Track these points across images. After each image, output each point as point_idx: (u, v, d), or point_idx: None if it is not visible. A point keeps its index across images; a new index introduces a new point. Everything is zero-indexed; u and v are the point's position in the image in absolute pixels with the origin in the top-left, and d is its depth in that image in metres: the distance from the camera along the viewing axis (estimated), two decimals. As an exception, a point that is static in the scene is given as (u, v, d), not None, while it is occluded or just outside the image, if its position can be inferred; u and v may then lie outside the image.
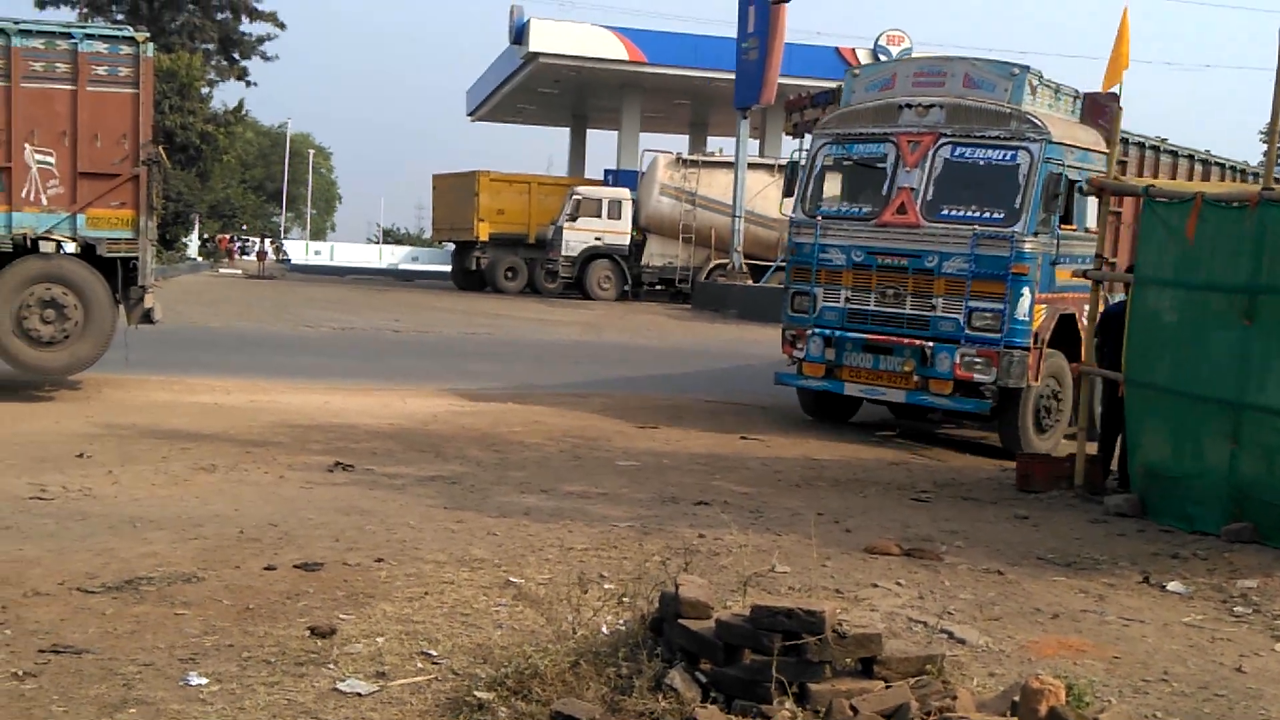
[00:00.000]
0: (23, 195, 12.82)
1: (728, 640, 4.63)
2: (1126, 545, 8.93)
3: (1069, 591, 7.50)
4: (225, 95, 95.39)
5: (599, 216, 36.66)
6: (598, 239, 36.60)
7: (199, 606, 6.07)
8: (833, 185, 14.66)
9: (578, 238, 36.65)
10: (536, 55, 41.48)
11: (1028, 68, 13.30)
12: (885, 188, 13.51)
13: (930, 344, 13.04)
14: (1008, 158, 13.01)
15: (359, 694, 4.98)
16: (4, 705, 4.71)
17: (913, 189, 13.25)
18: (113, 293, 13.29)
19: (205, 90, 41.61)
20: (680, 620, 4.81)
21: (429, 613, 6.12)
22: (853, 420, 15.15)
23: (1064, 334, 13.39)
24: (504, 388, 16.46)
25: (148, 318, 13.72)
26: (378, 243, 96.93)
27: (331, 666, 5.28)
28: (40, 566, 6.63)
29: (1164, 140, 15.81)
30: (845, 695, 4.42)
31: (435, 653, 5.50)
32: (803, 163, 14.62)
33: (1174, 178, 15.46)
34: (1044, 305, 13.04)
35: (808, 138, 17.65)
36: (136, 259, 13.30)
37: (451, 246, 47.99)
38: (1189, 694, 5.70)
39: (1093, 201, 13.05)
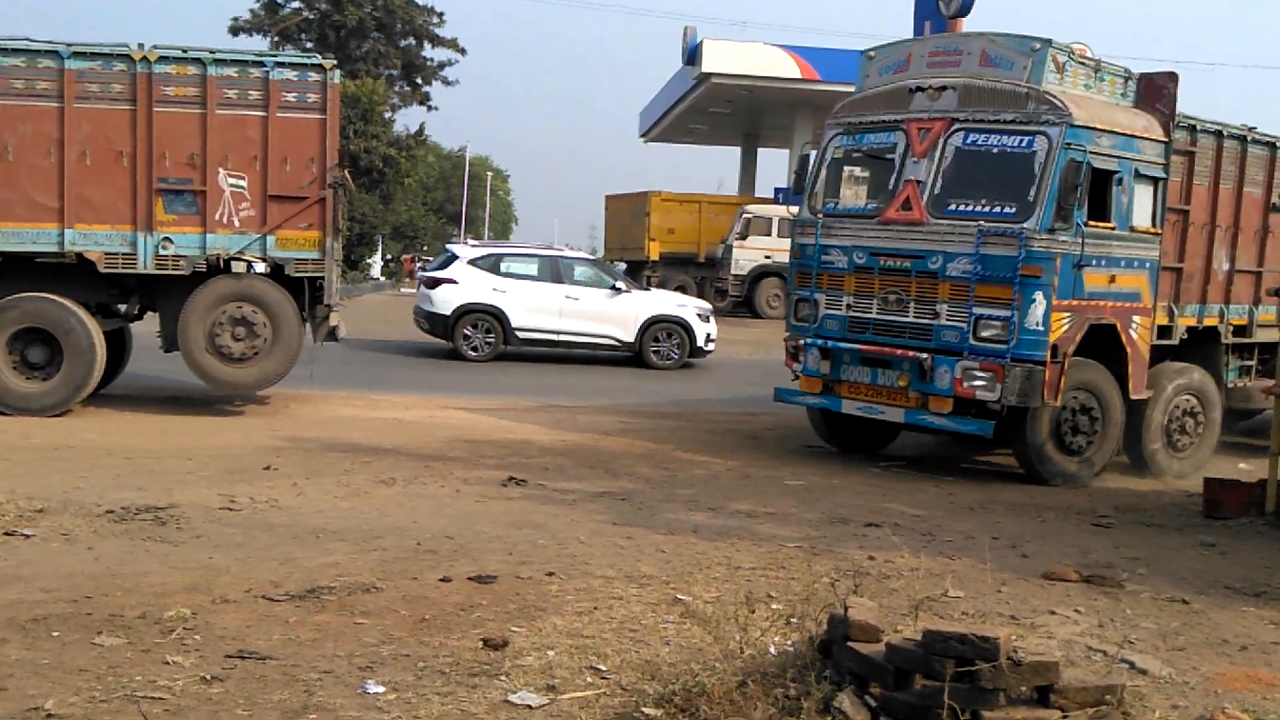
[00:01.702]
0: (216, 218, 13.30)
1: (898, 665, 4.54)
2: (1320, 576, 8.49)
3: (1258, 623, 7.16)
4: (407, 119, 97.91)
5: (769, 235, 36.44)
6: (767, 257, 36.37)
7: (377, 616, 6.19)
8: (845, 180, 13.31)
9: (747, 256, 36.49)
10: (709, 75, 41.53)
11: (1050, 41, 11.71)
12: (892, 181, 12.17)
13: (930, 356, 11.62)
14: (1023, 144, 11.49)
15: (529, 706, 5.01)
16: (193, 707, 4.87)
17: (920, 182, 11.86)
18: (300, 311, 13.69)
19: (388, 115, 42.74)
20: (849, 643, 4.74)
21: (598, 627, 6.15)
22: (885, 451, 13.58)
23: (1101, 347, 11.96)
24: (673, 404, 16.49)
25: (333, 335, 14.13)
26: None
27: (503, 678, 5.33)
28: (228, 574, 6.85)
29: (1251, 129, 13.84)
30: (1020, 724, 4.29)
31: (604, 667, 5.52)
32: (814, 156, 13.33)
33: (1268, 173, 13.97)
34: (1066, 313, 11.45)
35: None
36: (322, 278, 13.69)
37: (623, 266, 48.43)
38: (1389, 735, 5.38)
39: (1146, 196, 12.16)
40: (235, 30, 42.60)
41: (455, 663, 5.50)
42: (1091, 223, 11.57)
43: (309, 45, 41.36)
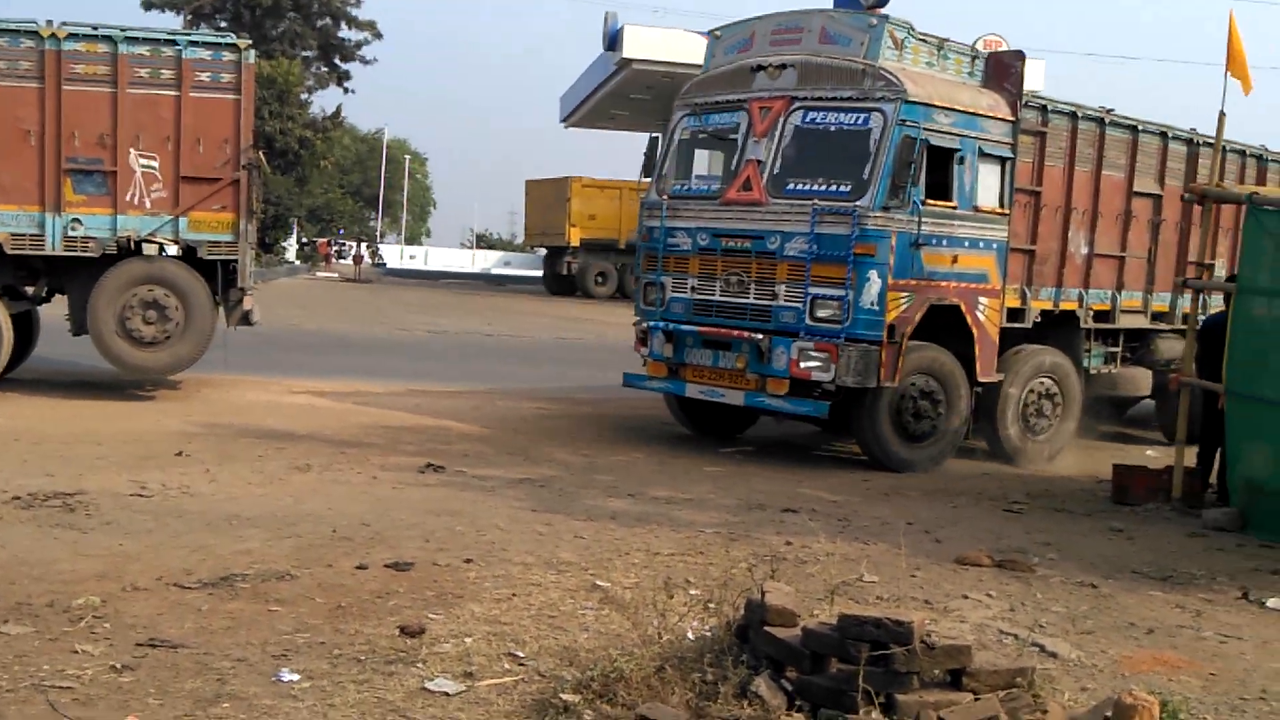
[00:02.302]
0: (127, 199, 13.11)
1: (814, 649, 4.59)
2: (1225, 560, 8.72)
3: (1165, 606, 7.34)
4: (324, 102, 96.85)
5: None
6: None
7: (292, 604, 6.15)
8: (689, 161, 12.97)
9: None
10: (630, 61, 41.53)
11: (887, 17, 11.48)
12: (735, 162, 11.93)
13: (767, 338, 11.33)
14: (859, 121, 11.21)
15: (447, 693, 5.01)
16: (102, 697, 4.81)
17: (760, 162, 11.56)
18: (213, 295, 13.53)
19: (304, 96, 42.28)
20: (766, 628, 4.78)
21: (516, 614, 6.15)
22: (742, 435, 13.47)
23: (947, 329, 11.74)
24: (592, 391, 16.51)
25: (246, 319, 13.97)
26: (471, 248, 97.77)
27: (420, 665, 5.32)
28: (139, 562, 6.77)
29: (1109, 111, 13.48)
30: (933, 707, 4.35)
31: (522, 654, 5.53)
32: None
33: (1130, 157, 13.69)
34: (904, 293, 11.18)
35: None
36: (236, 262, 13.54)
37: (543, 251, 48.33)
38: (1289, 714, 5.54)
39: (992, 176, 11.91)
40: (148, 6, 41.88)
41: (371, 650, 5.48)
42: (931, 201, 11.35)
43: (223, 24, 40.75)
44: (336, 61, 45.31)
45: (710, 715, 4.46)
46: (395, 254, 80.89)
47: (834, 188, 11.19)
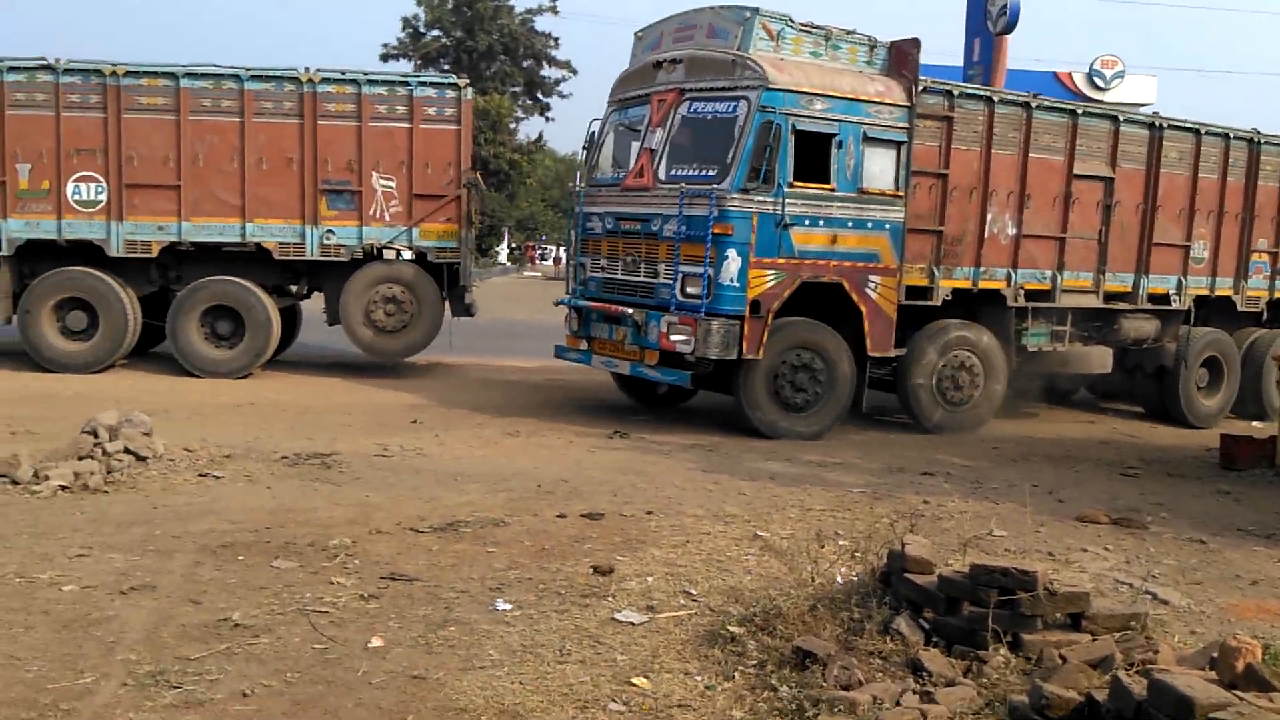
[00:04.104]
0: (370, 213, 13.48)
1: (948, 593, 4.48)
2: (1325, 522, 8.21)
3: (1269, 561, 6.94)
4: (529, 129, 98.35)
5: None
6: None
7: (505, 546, 6.24)
8: (610, 152, 12.15)
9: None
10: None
11: (758, 10, 10.51)
12: (637, 151, 11.22)
13: (644, 312, 10.65)
14: (729, 109, 10.39)
15: (632, 623, 5.03)
16: (353, 619, 4.96)
17: (653, 150, 10.82)
18: (440, 291, 13.84)
19: (513, 125, 42.86)
20: (906, 574, 4.69)
21: (690, 558, 6.14)
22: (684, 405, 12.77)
23: (838, 305, 10.87)
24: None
25: (467, 311, 14.27)
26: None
27: (610, 599, 5.35)
28: (382, 510, 6.95)
29: (1036, 95, 12.20)
30: (1055, 646, 4.22)
31: (695, 592, 5.52)
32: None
33: (1069, 140, 12.24)
34: (769, 270, 10.31)
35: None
36: (459, 264, 13.83)
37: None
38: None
39: (883, 159, 10.86)
40: (385, 56, 42.96)
41: (570, 585, 5.54)
42: (801, 183, 10.43)
43: (446, 67, 41.54)
44: (539, 96, 45.81)
45: (857, 648, 4.40)
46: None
47: (704, 172, 10.44)
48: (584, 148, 12.28)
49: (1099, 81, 36.01)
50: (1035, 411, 13.75)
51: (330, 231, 13.43)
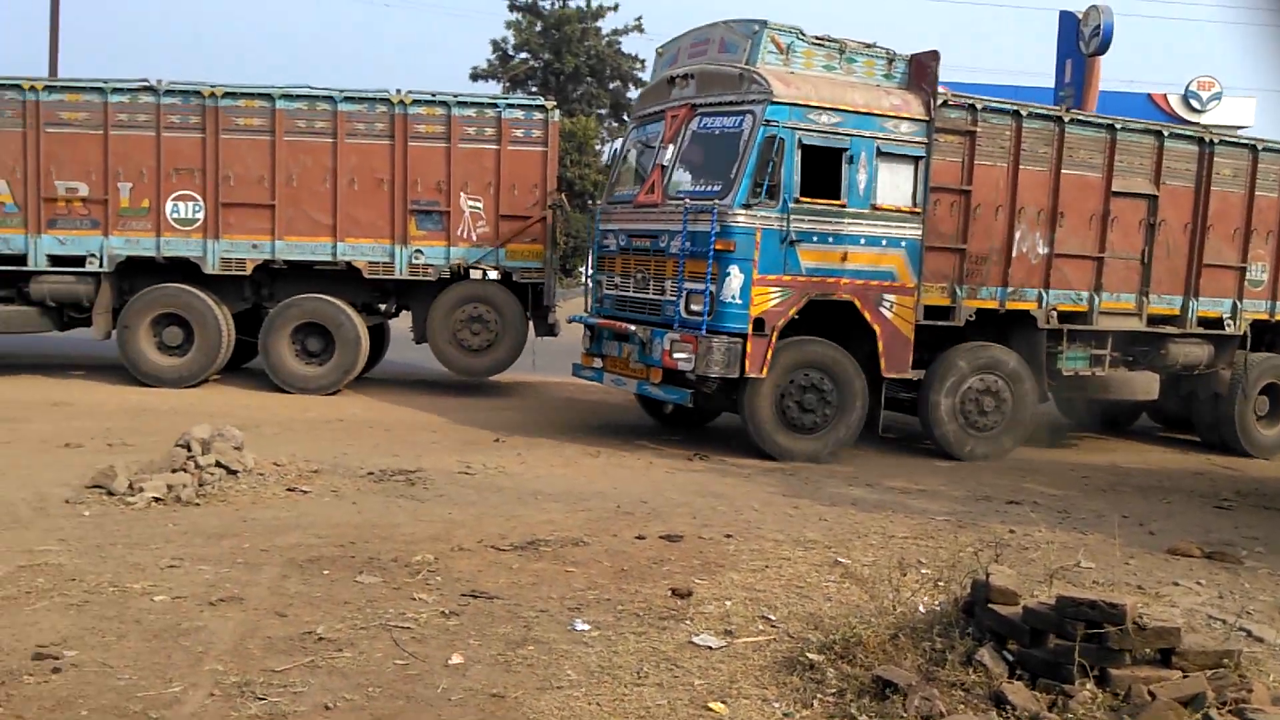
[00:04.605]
0: (458, 233, 13.65)
1: (1034, 625, 4.39)
2: None
3: (1372, 601, 6.69)
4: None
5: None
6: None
7: (584, 566, 6.26)
8: (631, 169, 11.92)
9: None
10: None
11: (766, 23, 10.29)
12: (649, 167, 11.02)
13: (649, 330, 10.42)
14: (736, 124, 10.17)
15: (710, 647, 5.01)
16: (434, 636, 5.01)
17: (664, 166, 10.62)
18: (525, 311, 13.96)
19: (598, 147, 43.24)
20: (990, 605, 4.61)
21: (769, 583, 6.11)
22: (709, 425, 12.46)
23: (842, 325, 10.57)
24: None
25: (551, 331, 14.36)
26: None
27: (688, 622, 5.33)
28: (464, 528, 7.02)
29: (1069, 110, 11.95)
30: (1144, 682, 4.10)
31: (774, 617, 5.48)
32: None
33: (1107, 156, 11.71)
34: (774, 288, 10.05)
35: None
36: (543, 284, 13.95)
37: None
38: None
39: (899, 175, 10.53)
40: (474, 77, 43.61)
41: (648, 607, 5.53)
42: (808, 199, 10.18)
43: (534, 89, 42.08)
44: (625, 117, 46.21)
45: (939, 679, 4.33)
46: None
47: (710, 187, 10.23)
48: (606, 165, 12.03)
49: (1195, 103, 35.16)
50: (1112, 444, 13.42)
51: (419, 251, 13.63)
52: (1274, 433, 13.51)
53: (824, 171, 10.32)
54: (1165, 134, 12.24)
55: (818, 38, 10.56)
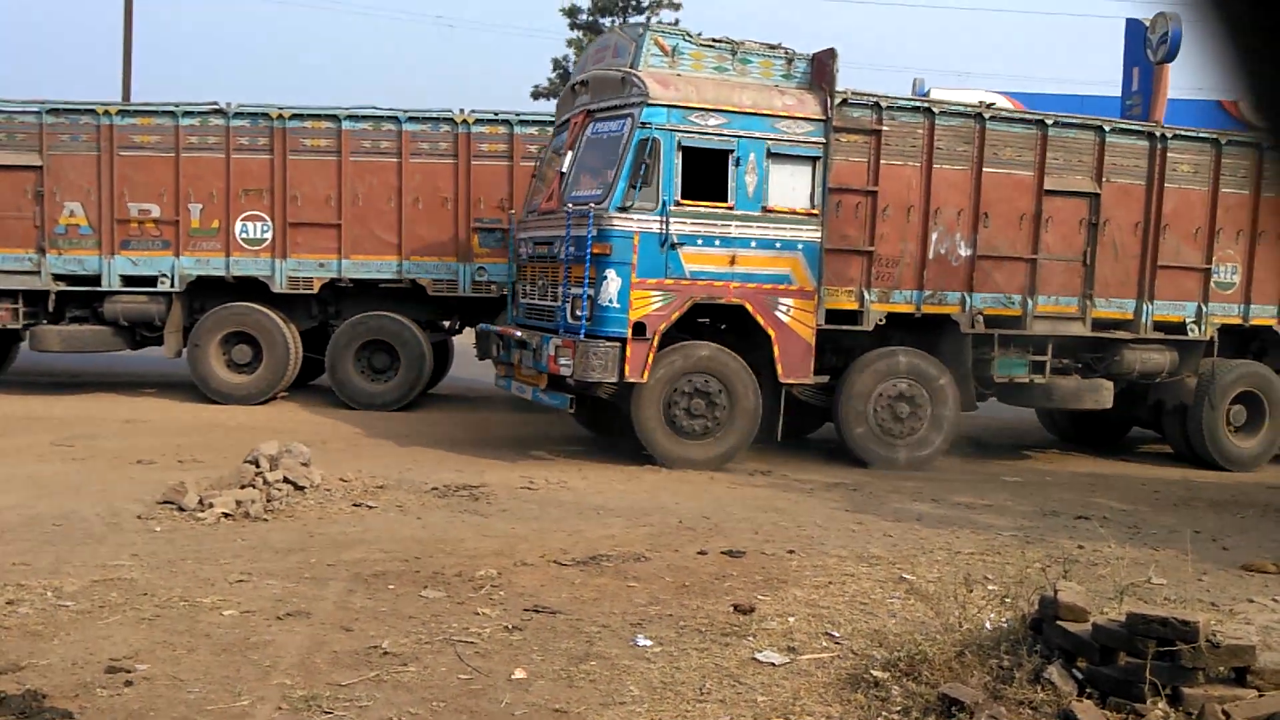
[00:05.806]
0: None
1: (1103, 643, 4.31)
2: None
3: None
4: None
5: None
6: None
7: (646, 581, 6.26)
8: (545, 179, 11.65)
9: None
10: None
11: (648, 25, 10.09)
12: (554, 175, 10.83)
13: (537, 336, 10.24)
14: (618, 128, 9.99)
15: (773, 664, 4.98)
16: (497, 651, 5.03)
17: (563, 173, 10.39)
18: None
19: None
20: (1059, 622, 4.53)
21: (832, 599, 6.06)
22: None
23: (740, 329, 10.34)
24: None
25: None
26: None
27: (751, 639, 5.30)
28: (527, 542, 7.05)
29: (989, 105, 11.44)
30: (1218, 701, 4.01)
31: (838, 634, 5.43)
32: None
33: (1039, 154, 11.21)
34: (655, 291, 9.81)
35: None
36: None
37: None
38: None
39: (794, 176, 10.19)
40: (535, 95, 44.02)
41: (710, 623, 5.51)
42: (689, 201, 9.94)
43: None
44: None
45: (1006, 697, 4.26)
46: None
47: (594, 192, 10.05)
48: (533, 176, 12.12)
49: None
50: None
51: (482, 269, 13.77)
52: (1251, 444, 12.58)
53: (711, 173, 10.11)
54: (1107, 129, 11.65)
55: (709, 40, 10.37)
